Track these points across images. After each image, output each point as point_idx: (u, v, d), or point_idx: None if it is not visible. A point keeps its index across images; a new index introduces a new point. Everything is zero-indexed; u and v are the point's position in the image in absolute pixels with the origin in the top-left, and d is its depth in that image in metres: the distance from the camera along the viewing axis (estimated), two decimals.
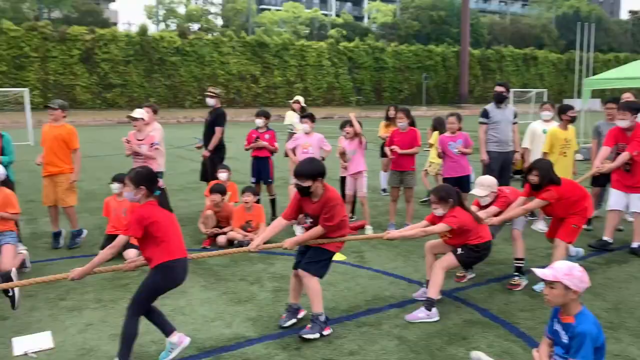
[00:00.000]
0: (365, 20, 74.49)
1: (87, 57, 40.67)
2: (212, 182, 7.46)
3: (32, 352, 3.92)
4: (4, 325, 4.41)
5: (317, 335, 4.14)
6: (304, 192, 4.23)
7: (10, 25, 38.95)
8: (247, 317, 4.58)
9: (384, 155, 9.41)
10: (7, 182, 5.85)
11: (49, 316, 4.60)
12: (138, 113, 7.24)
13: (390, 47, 52.72)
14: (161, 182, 4.29)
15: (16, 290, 4.38)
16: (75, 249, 6.65)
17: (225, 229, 6.88)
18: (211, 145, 8.25)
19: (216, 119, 8.33)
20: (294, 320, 4.44)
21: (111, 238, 6.32)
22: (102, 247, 6.18)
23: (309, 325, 4.20)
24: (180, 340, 3.83)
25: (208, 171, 8.35)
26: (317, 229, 4.26)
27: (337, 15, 69.97)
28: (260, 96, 47.23)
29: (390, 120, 9.24)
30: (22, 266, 5.65)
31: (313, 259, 4.27)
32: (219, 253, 4.80)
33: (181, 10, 58.76)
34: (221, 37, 47.39)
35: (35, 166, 6.98)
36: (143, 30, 42.94)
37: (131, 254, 5.72)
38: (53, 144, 6.58)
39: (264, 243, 4.34)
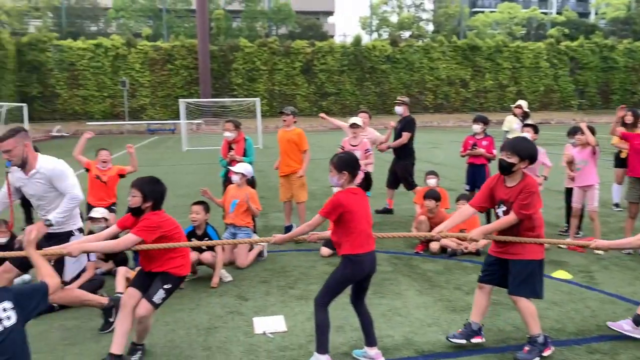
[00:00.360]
0: (592, 16, 67.42)
1: (307, 69, 44.24)
2: (423, 189, 7.53)
3: (269, 332, 4.41)
4: (247, 305, 5.04)
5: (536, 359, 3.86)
6: (505, 169, 3.89)
7: (246, 43, 44.24)
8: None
9: (618, 165, 8.41)
10: (251, 181, 6.69)
11: (280, 302, 5.12)
12: (358, 121, 7.64)
13: (622, 44, 46.84)
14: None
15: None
16: (300, 243, 7.28)
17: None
18: (394, 144, 8.68)
19: (405, 126, 8.62)
20: (463, 342, 4.09)
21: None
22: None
23: (526, 348, 3.89)
24: (376, 357, 3.88)
25: (399, 177, 8.72)
26: (509, 218, 3.86)
27: (559, 13, 64.55)
28: (469, 101, 45.97)
29: (628, 126, 8.21)
30: (259, 255, 6.41)
31: (520, 276, 3.86)
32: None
33: (394, 19, 60.25)
34: (431, 42, 47.30)
35: (264, 166, 7.85)
36: (357, 41, 45.11)
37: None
38: (287, 147, 7.33)
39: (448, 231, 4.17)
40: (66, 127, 38.05)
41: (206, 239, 5.66)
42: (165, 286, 3.90)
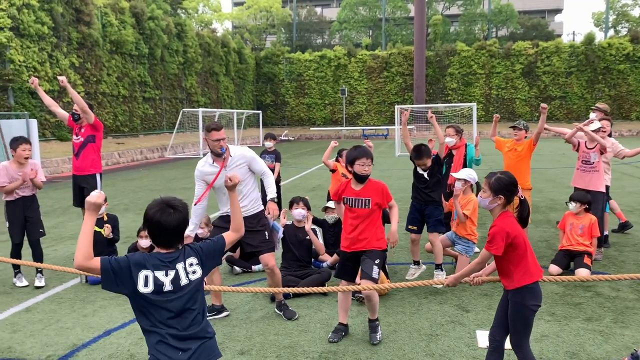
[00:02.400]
0: None
1: (528, 71, 41.55)
2: None
3: None
4: (468, 317, 4.92)
5: None
6: None
7: (463, 47, 43.34)
8: None
9: None
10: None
11: None
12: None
13: None
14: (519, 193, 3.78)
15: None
16: None
17: None
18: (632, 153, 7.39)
19: None
20: None
21: (562, 253, 6.26)
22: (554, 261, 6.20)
23: None
24: None
25: None
26: None
27: None
28: None
29: None
30: None
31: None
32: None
33: (635, 12, 53.08)
34: None
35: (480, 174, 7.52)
36: (589, 39, 40.83)
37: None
38: (512, 160, 6.96)
39: None
40: (292, 131, 41.94)
41: None
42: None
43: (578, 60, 40.53)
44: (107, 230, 6.31)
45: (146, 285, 2.55)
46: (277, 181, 10.26)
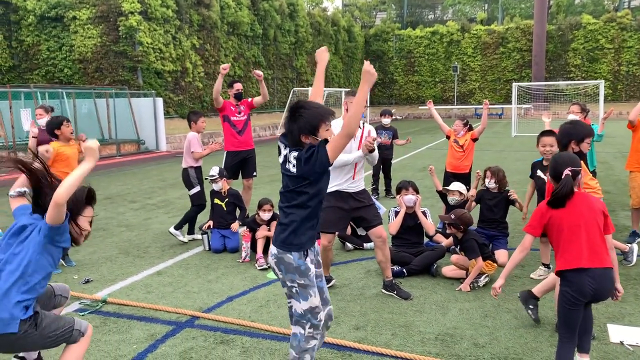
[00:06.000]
0: None
1: None
2: None
3: (628, 344, 3.92)
4: (598, 309, 4.58)
5: None
6: None
7: (590, 19, 40.00)
8: None
9: None
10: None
11: (638, 312, 4.50)
12: None
13: None
14: None
15: None
16: None
17: None
18: None
19: None
20: None
21: None
22: None
23: None
24: None
25: None
26: None
27: None
28: None
29: None
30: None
31: None
32: None
33: None
34: None
35: (607, 157, 6.89)
36: None
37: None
38: None
39: None
40: (400, 110, 41.33)
41: None
42: None
43: None
44: (235, 226, 6.63)
45: None
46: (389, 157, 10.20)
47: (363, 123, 4.92)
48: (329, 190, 5.00)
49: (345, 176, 4.83)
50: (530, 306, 4.26)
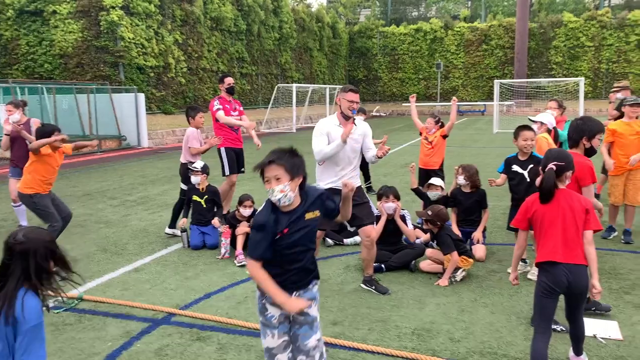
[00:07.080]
0: None
1: None
2: None
3: (601, 337, 3.98)
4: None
5: None
6: None
7: (571, 17, 40.43)
8: None
9: None
10: None
11: (614, 307, 4.56)
12: None
13: None
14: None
15: None
16: (630, 244, 6.39)
17: None
18: None
19: None
20: None
21: None
22: None
23: None
24: None
25: None
26: None
27: None
28: None
29: None
30: None
31: None
32: None
33: None
34: None
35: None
36: None
37: None
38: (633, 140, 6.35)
39: None
40: (384, 107, 41.44)
41: None
42: None
43: None
44: (217, 223, 6.48)
45: None
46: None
47: (354, 120, 4.80)
48: (323, 186, 4.96)
49: (339, 173, 4.83)
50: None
